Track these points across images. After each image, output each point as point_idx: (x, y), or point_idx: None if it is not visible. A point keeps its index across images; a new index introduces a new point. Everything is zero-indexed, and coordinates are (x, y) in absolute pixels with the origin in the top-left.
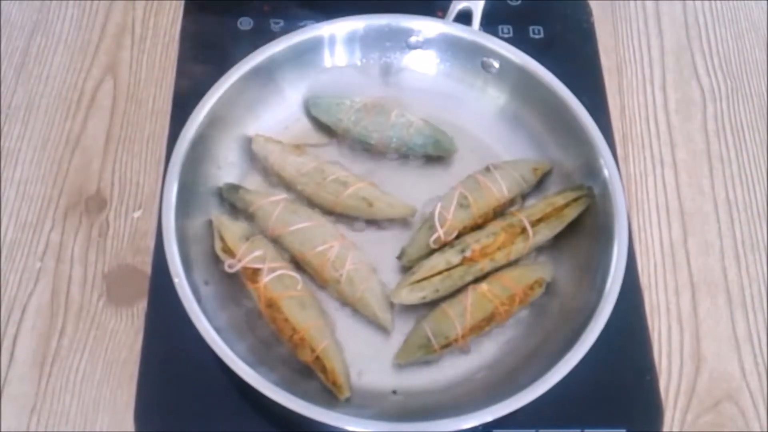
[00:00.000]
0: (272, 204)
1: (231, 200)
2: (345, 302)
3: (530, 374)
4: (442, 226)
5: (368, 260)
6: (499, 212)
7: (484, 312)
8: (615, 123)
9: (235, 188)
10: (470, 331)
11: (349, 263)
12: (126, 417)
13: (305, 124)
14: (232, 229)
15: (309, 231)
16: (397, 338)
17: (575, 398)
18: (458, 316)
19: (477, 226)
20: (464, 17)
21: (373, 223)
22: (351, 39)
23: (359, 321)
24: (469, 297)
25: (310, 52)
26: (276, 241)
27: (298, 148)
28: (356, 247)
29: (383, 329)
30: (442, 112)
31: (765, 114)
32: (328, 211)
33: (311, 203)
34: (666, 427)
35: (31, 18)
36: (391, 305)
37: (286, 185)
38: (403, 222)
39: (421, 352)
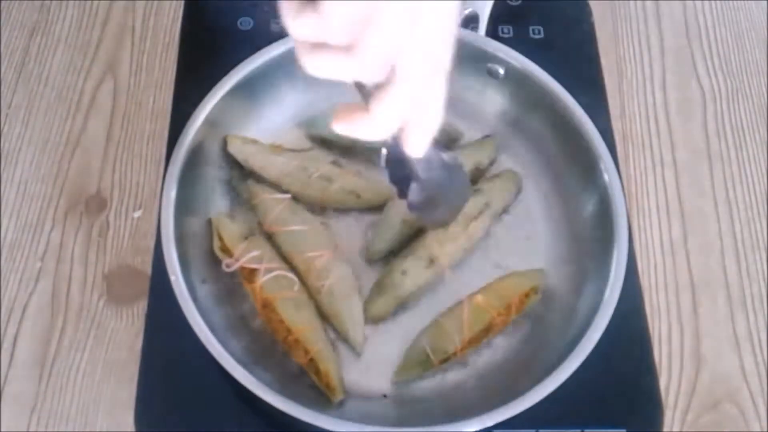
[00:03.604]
0: (276, 201)
1: (238, 189)
2: (321, 314)
3: (531, 378)
4: None
5: (353, 278)
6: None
7: (482, 323)
8: (615, 123)
9: (244, 177)
10: (469, 343)
11: (334, 276)
12: (126, 417)
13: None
14: (231, 229)
15: (302, 234)
16: (394, 339)
17: (575, 398)
18: (456, 329)
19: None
20: (470, 22)
21: (366, 211)
22: None
23: None
24: (466, 309)
25: None
26: (270, 239)
27: (278, 147)
28: (346, 263)
29: (353, 350)
30: (444, 115)
31: (765, 114)
32: (319, 207)
33: (300, 201)
34: (666, 427)
35: (31, 18)
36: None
37: (271, 186)
38: None
39: (420, 369)
